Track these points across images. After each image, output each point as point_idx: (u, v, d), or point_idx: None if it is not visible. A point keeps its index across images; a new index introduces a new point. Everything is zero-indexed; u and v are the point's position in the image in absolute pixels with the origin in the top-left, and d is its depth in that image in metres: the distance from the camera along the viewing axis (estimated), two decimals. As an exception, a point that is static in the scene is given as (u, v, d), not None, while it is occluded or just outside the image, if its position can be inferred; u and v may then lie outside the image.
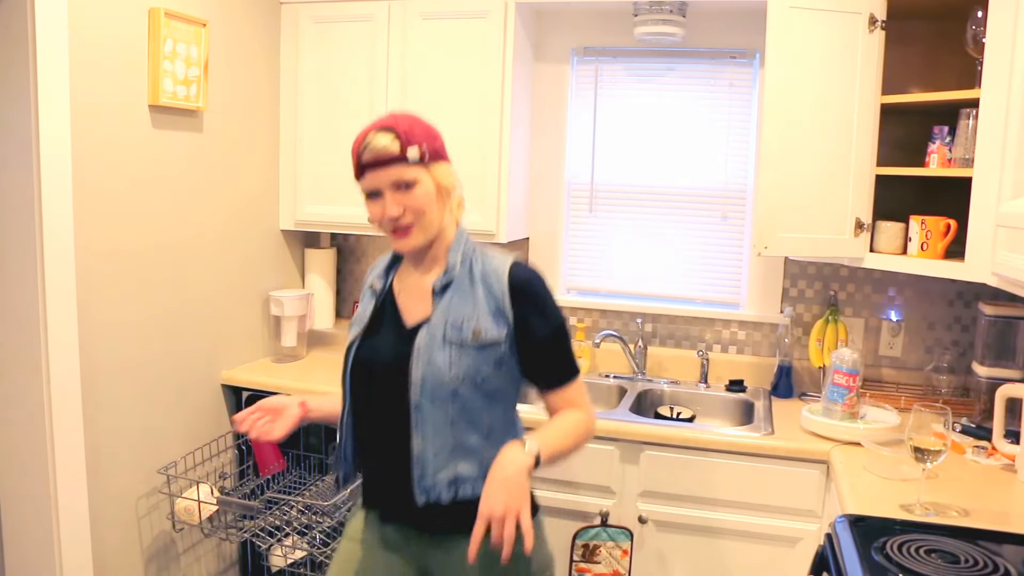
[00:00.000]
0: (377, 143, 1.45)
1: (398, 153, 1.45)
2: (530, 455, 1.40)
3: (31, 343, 2.01)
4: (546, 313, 1.52)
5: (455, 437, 1.48)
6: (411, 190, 1.47)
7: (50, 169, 1.97)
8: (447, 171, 1.53)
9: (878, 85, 2.25)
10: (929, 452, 1.71)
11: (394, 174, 1.46)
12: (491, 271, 1.52)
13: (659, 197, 2.86)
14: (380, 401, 1.52)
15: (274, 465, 2.66)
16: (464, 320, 1.49)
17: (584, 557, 2.31)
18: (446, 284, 1.52)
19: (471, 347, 1.47)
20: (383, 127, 1.47)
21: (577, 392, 1.56)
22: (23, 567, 2.11)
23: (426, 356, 1.47)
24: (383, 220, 1.49)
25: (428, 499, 1.48)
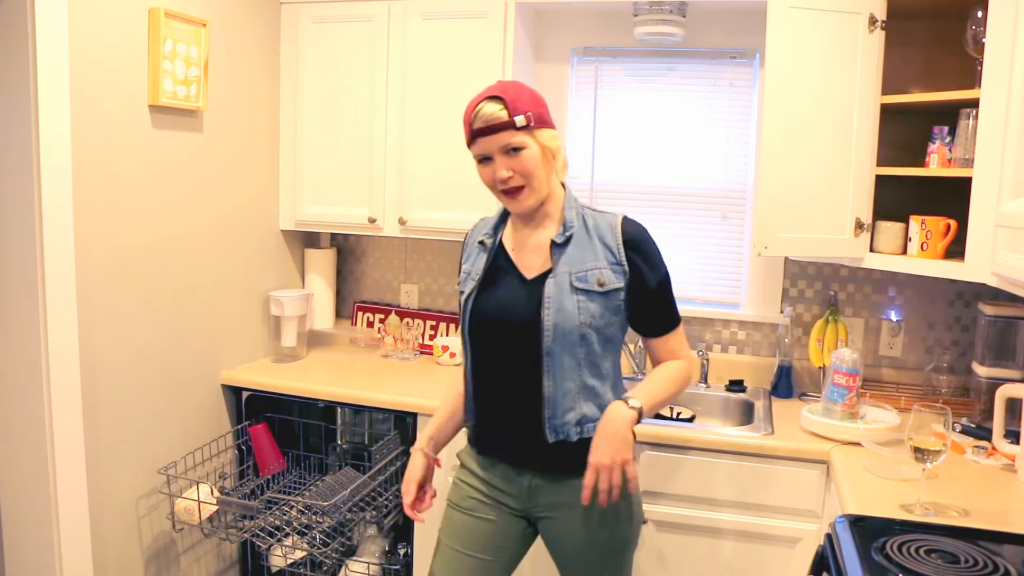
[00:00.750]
0: (487, 111, 1.59)
1: (506, 119, 1.58)
2: (634, 410, 1.57)
3: (31, 343, 2.01)
4: (655, 265, 1.68)
5: (581, 379, 1.64)
6: (519, 154, 1.60)
7: (50, 169, 1.97)
8: (552, 136, 1.65)
9: (878, 85, 2.25)
10: (929, 452, 1.71)
11: (503, 139, 1.59)
12: (604, 225, 1.68)
13: (659, 197, 2.86)
14: (508, 348, 1.66)
15: (274, 465, 2.66)
16: (588, 270, 1.64)
17: (584, 557, 2.31)
18: (568, 239, 1.67)
19: (597, 294, 1.63)
20: (492, 95, 1.60)
21: (679, 341, 1.73)
22: (23, 567, 2.11)
23: (556, 303, 1.62)
24: (495, 182, 1.63)
25: (558, 437, 1.64)
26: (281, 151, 2.90)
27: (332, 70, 2.79)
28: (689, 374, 1.74)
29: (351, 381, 2.63)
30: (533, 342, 1.62)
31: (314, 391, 2.58)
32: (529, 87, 1.66)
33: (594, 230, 1.67)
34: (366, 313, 3.15)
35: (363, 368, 2.81)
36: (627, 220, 1.70)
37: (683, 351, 1.74)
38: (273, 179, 2.89)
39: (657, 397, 1.65)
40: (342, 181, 2.81)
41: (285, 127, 2.88)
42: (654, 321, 1.71)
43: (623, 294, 1.65)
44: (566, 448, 1.64)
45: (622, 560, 1.75)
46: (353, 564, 2.51)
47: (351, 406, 2.58)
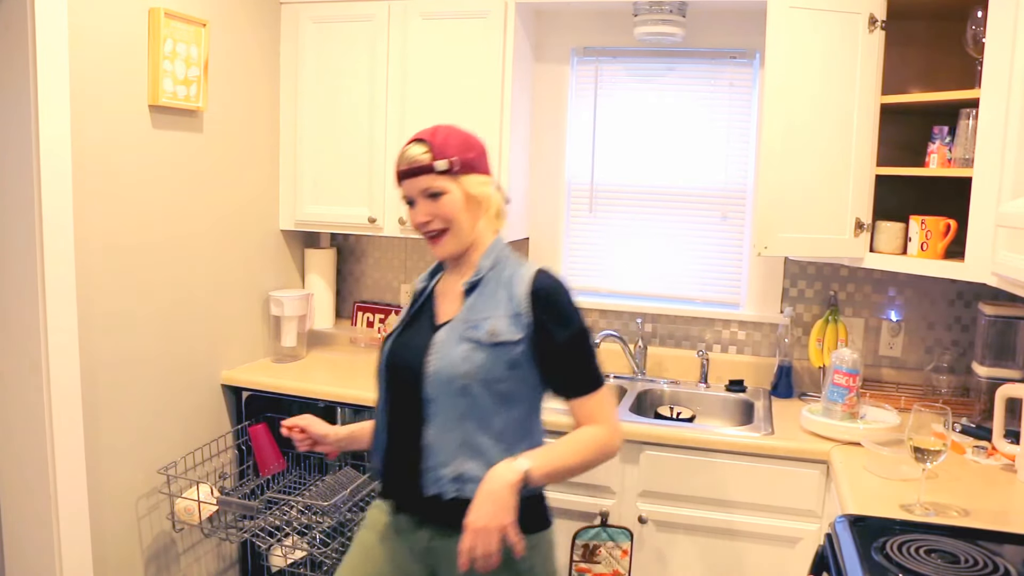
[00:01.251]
0: (410, 153, 1.57)
1: (427, 163, 1.55)
2: (517, 472, 1.44)
3: (31, 343, 2.01)
4: (565, 320, 1.55)
5: (464, 433, 1.53)
6: (440, 199, 1.56)
7: (50, 169, 1.97)
8: (480, 183, 1.60)
9: (878, 85, 2.25)
10: (929, 452, 1.71)
11: (424, 183, 1.56)
12: (517, 276, 1.58)
13: (659, 197, 2.86)
14: (402, 393, 1.59)
15: (274, 465, 2.66)
16: (483, 319, 1.55)
17: (584, 557, 2.31)
18: (473, 285, 1.60)
19: (485, 345, 1.53)
20: (419, 138, 1.58)
21: (599, 405, 1.57)
22: (23, 567, 2.11)
23: (442, 350, 1.55)
24: (415, 225, 1.60)
25: (431, 491, 1.54)
26: (281, 151, 2.90)
27: (332, 70, 2.79)
28: (607, 443, 1.55)
29: (351, 381, 2.63)
30: (422, 388, 1.55)
31: (314, 391, 2.58)
32: (467, 133, 1.61)
33: (505, 280, 1.58)
34: (366, 313, 3.15)
35: (363, 368, 2.81)
36: (541, 273, 1.58)
37: (603, 416, 1.56)
38: (273, 179, 2.89)
39: (555, 463, 1.50)
40: (342, 181, 2.81)
41: (285, 127, 2.88)
42: (565, 381, 1.57)
43: (521, 348, 1.53)
44: (443, 505, 1.54)
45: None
46: (353, 564, 2.51)
47: (351, 406, 2.58)
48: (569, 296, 1.58)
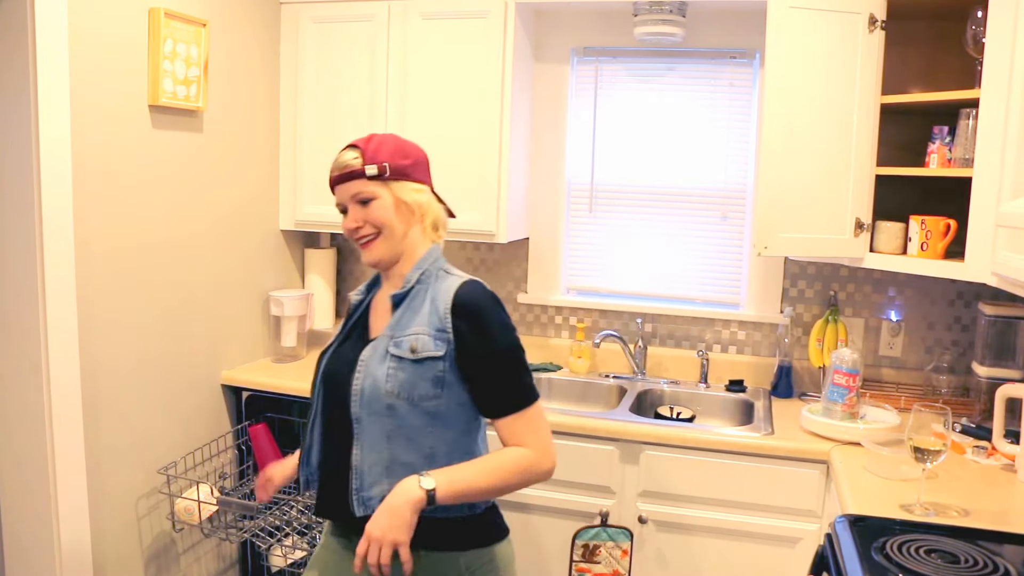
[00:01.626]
0: (342, 159, 1.54)
1: (358, 168, 1.52)
2: (421, 489, 1.39)
3: (31, 343, 2.01)
4: (487, 333, 1.48)
5: (391, 453, 1.49)
6: (370, 205, 1.53)
7: (50, 169, 1.97)
8: (414, 190, 1.56)
9: (878, 85, 2.25)
10: (929, 452, 1.71)
11: (354, 188, 1.53)
12: (442, 289, 1.52)
13: (659, 197, 2.86)
14: (334, 411, 1.56)
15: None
16: (407, 335, 1.50)
17: (584, 557, 2.31)
18: (400, 298, 1.55)
19: (409, 362, 1.48)
20: (352, 145, 1.55)
21: (527, 426, 1.49)
22: (23, 567, 2.12)
23: (367, 368, 1.50)
24: (346, 231, 1.56)
25: (365, 512, 1.48)
26: (281, 151, 2.90)
27: (332, 70, 2.79)
28: (531, 466, 1.47)
29: (351, 381, 2.63)
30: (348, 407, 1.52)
31: (314, 391, 2.58)
32: (404, 141, 1.58)
33: (432, 293, 1.53)
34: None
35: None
36: (465, 284, 1.52)
37: (532, 438, 1.48)
38: (273, 179, 2.89)
39: (466, 483, 1.43)
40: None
41: (285, 127, 2.88)
42: (490, 399, 1.50)
43: (443, 364, 1.48)
44: None
45: None
46: (353, 564, 2.51)
47: (351, 406, 2.58)
48: (494, 309, 1.51)
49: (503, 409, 1.49)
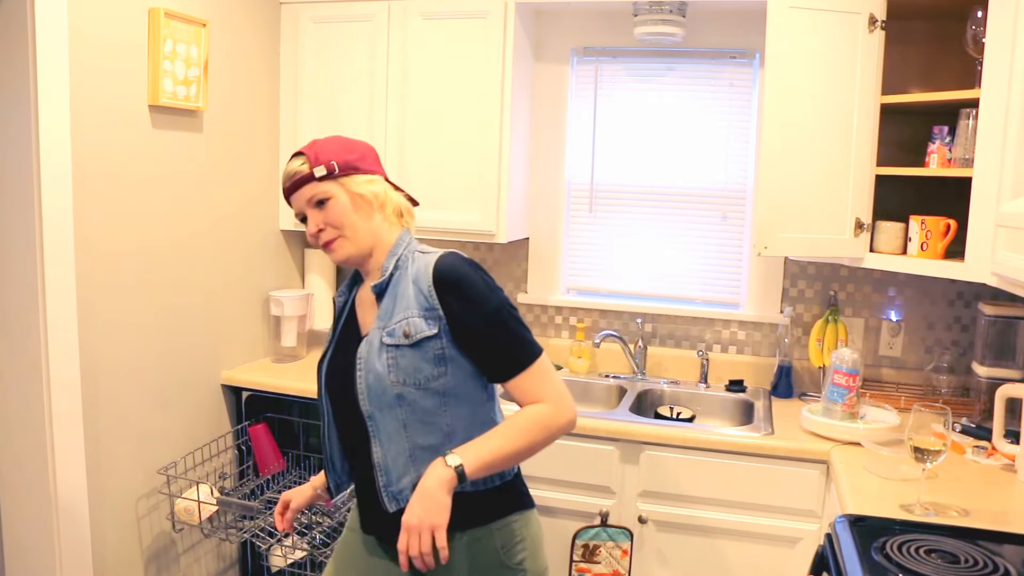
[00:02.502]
0: (289, 168, 1.54)
1: (306, 172, 1.52)
2: (450, 468, 1.39)
3: (31, 343, 2.01)
4: (475, 299, 1.47)
5: (411, 441, 1.49)
6: (326, 205, 1.53)
7: (50, 169, 1.97)
8: (367, 181, 1.56)
9: (878, 85, 2.25)
10: (929, 452, 1.71)
11: (307, 193, 1.53)
12: (421, 268, 1.51)
13: (659, 197, 2.86)
14: (346, 416, 1.56)
15: (274, 465, 2.66)
16: (397, 322, 1.49)
17: (584, 557, 2.31)
18: (382, 289, 1.55)
19: (406, 348, 1.48)
20: (297, 153, 1.55)
21: (536, 380, 1.48)
22: (23, 567, 2.12)
23: (367, 364, 1.50)
24: (310, 238, 1.56)
25: (398, 506, 1.50)
26: (281, 151, 2.90)
27: (332, 70, 2.79)
28: (552, 420, 1.47)
29: (351, 381, 2.63)
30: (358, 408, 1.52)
31: (314, 391, 2.58)
32: (347, 139, 1.59)
33: (412, 275, 1.52)
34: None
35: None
36: (442, 258, 1.51)
37: (545, 391, 1.48)
38: (273, 179, 2.89)
39: (492, 453, 1.43)
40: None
41: (285, 127, 2.88)
42: (493, 364, 1.50)
43: (441, 341, 1.48)
44: None
45: None
46: (353, 564, 2.51)
47: (351, 406, 2.58)
48: (476, 275, 1.50)
49: (509, 371, 1.48)
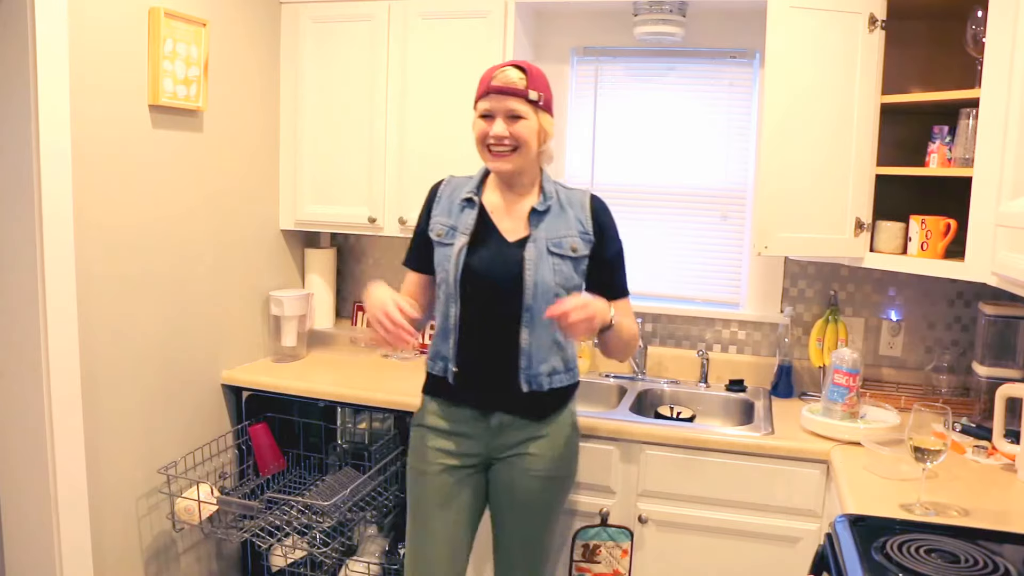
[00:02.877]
0: (511, 75, 1.78)
1: (523, 89, 1.77)
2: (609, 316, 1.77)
3: (31, 343, 2.01)
4: (614, 237, 1.91)
5: (553, 335, 1.85)
6: (519, 122, 1.78)
7: (50, 168, 1.97)
8: (550, 122, 1.85)
9: (878, 85, 2.25)
10: (929, 452, 1.71)
11: (512, 104, 1.77)
12: (576, 200, 1.90)
13: (659, 197, 2.86)
14: (492, 303, 1.83)
15: (274, 465, 2.66)
16: (562, 237, 1.85)
17: (584, 557, 2.31)
18: (546, 208, 1.86)
19: (569, 259, 1.85)
20: (517, 65, 1.80)
21: (628, 307, 1.93)
22: (23, 567, 2.12)
23: (535, 265, 1.81)
24: (488, 137, 1.80)
25: (531, 387, 1.84)
26: (281, 151, 2.90)
27: (332, 70, 2.79)
28: (638, 336, 1.98)
29: (351, 381, 2.63)
30: (515, 299, 1.81)
31: (314, 391, 2.58)
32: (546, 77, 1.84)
33: (567, 203, 1.87)
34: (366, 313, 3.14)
35: (363, 368, 2.81)
36: (595, 197, 1.92)
37: (632, 316, 1.94)
38: (273, 179, 2.88)
39: (622, 325, 1.83)
40: (342, 181, 2.81)
41: (285, 127, 2.88)
42: (608, 286, 1.88)
43: (587, 260, 1.87)
44: (538, 397, 1.86)
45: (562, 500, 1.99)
46: (353, 564, 2.51)
47: (351, 406, 2.58)
48: (614, 218, 1.93)
49: (617, 294, 1.90)
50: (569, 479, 2.00)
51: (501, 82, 1.76)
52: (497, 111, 1.78)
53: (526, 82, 1.77)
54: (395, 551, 2.58)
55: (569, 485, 2.01)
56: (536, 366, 1.84)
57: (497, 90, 1.76)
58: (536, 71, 1.80)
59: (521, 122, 1.78)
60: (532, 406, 1.87)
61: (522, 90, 1.76)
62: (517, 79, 1.77)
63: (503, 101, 1.77)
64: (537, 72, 1.80)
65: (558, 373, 1.89)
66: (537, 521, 1.94)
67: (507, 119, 1.78)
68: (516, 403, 1.86)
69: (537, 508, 1.93)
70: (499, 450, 1.91)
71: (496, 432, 1.90)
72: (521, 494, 1.91)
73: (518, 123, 1.78)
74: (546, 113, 1.83)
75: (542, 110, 1.81)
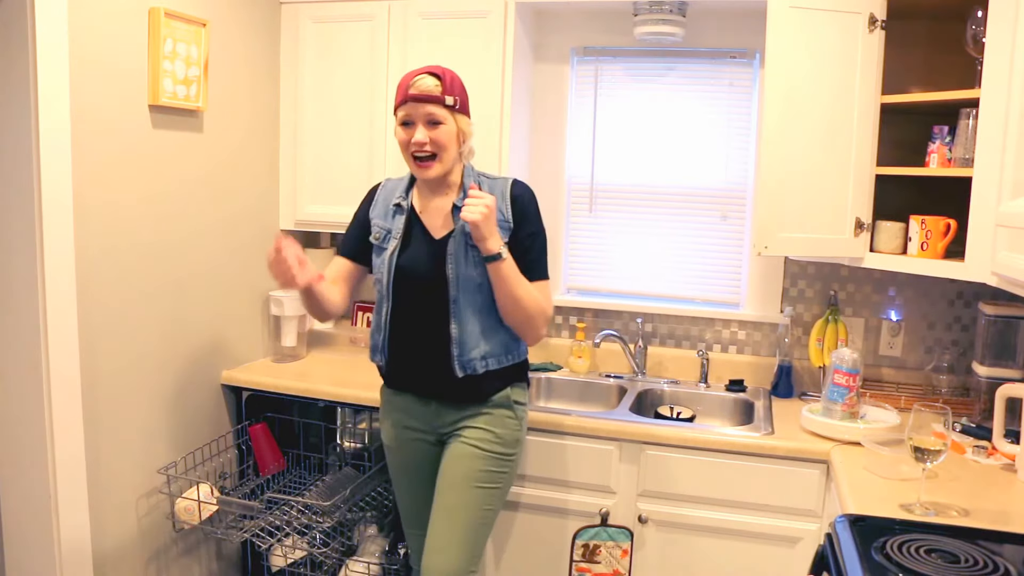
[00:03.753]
0: (426, 83, 1.85)
1: (439, 95, 1.85)
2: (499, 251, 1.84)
3: (31, 343, 2.01)
4: (531, 220, 1.96)
5: (481, 321, 1.94)
6: (438, 127, 1.86)
7: (50, 169, 1.97)
8: (467, 123, 1.93)
9: (878, 85, 2.25)
10: (929, 452, 1.71)
11: (429, 110, 1.85)
12: (497, 189, 1.96)
13: (659, 197, 2.86)
14: (420, 298, 1.94)
15: (274, 465, 2.66)
16: None
17: (584, 557, 2.31)
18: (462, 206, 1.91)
19: None
20: (432, 72, 1.87)
21: (543, 291, 1.96)
22: (23, 567, 2.12)
23: (456, 259, 1.91)
24: (410, 144, 1.88)
25: (466, 372, 1.94)
26: (281, 151, 2.90)
27: (332, 70, 2.79)
28: (541, 312, 1.94)
29: (351, 381, 2.63)
30: (442, 292, 1.92)
31: (314, 391, 2.58)
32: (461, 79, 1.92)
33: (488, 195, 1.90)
34: (366, 313, 3.15)
35: (363, 368, 2.81)
36: (516, 183, 1.98)
37: (545, 298, 1.96)
38: (273, 179, 2.89)
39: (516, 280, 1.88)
40: (342, 181, 2.81)
41: (285, 127, 2.88)
42: (522, 265, 1.92)
43: (509, 246, 1.91)
44: (473, 380, 1.96)
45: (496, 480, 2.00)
46: (353, 564, 2.51)
47: (351, 406, 2.58)
48: (535, 200, 1.99)
49: (533, 275, 1.94)
50: (505, 459, 2.01)
51: (418, 90, 1.84)
52: (416, 118, 1.86)
53: (442, 88, 1.84)
54: (395, 551, 2.58)
55: (507, 466, 2.02)
56: (468, 352, 1.93)
57: (415, 98, 1.84)
58: (451, 75, 1.88)
59: (440, 127, 1.86)
60: (467, 390, 1.97)
61: (439, 96, 1.84)
62: (433, 86, 1.84)
63: (421, 108, 1.84)
64: (452, 76, 1.88)
65: (492, 356, 1.96)
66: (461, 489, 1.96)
67: (427, 125, 1.86)
68: (451, 388, 1.97)
69: (463, 476, 1.97)
70: (443, 426, 2.03)
71: (436, 414, 2.03)
72: (452, 461, 1.99)
73: (437, 128, 1.86)
74: (463, 115, 1.91)
75: (459, 113, 1.89)
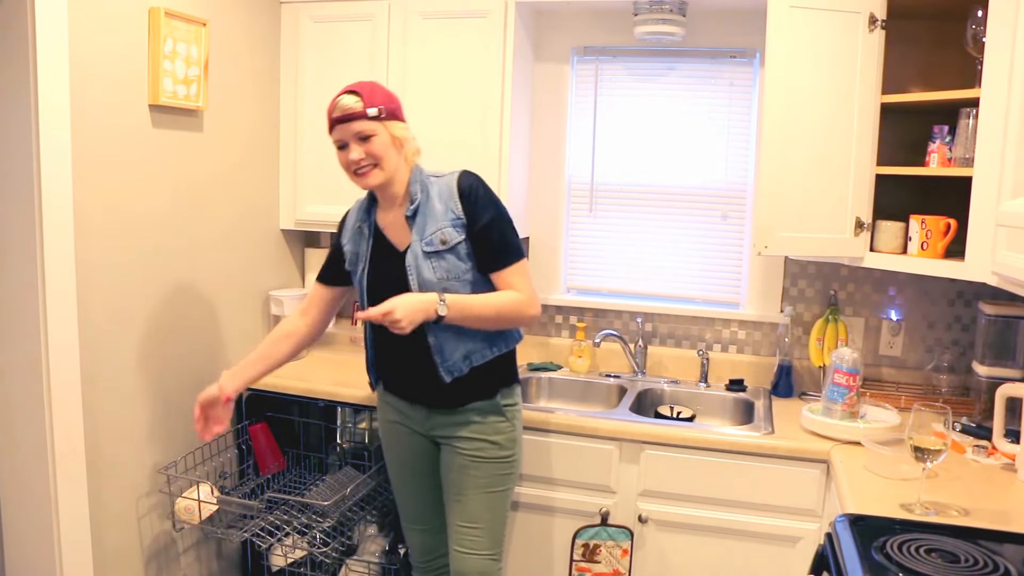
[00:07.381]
0: (346, 102, 1.86)
1: (360, 111, 1.85)
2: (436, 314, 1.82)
3: (31, 342, 2.01)
4: (485, 206, 1.92)
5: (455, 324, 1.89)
6: (370, 140, 1.86)
7: (50, 168, 1.97)
8: (402, 128, 1.92)
9: (878, 85, 2.25)
10: (929, 451, 1.71)
11: (357, 127, 1.86)
12: (444, 188, 1.94)
13: (659, 197, 2.86)
14: None
15: (274, 465, 2.66)
16: (432, 233, 1.91)
17: (584, 556, 2.32)
18: (415, 211, 1.94)
19: (444, 252, 1.90)
20: (350, 91, 1.87)
21: (516, 276, 1.93)
22: (23, 567, 2.12)
23: (416, 269, 1.91)
24: (349, 164, 1.89)
25: (453, 376, 1.95)
26: (281, 151, 2.90)
27: (332, 70, 2.79)
28: (522, 307, 1.92)
29: (351, 381, 2.63)
30: None
31: (314, 391, 2.58)
32: (387, 88, 1.93)
33: (436, 196, 1.92)
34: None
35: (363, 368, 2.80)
36: (462, 175, 1.95)
37: (523, 287, 1.93)
38: (273, 179, 2.88)
39: (468, 306, 1.87)
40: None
41: (285, 127, 2.88)
42: (486, 256, 1.92)
43: (466, 243, 1.90)
44: (462, 381, 1.96)
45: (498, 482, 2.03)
46: (353, 564, 2.51)
47: (351, 406, 2.58)
48: (486, 187, 1.95)
49: (498, 263, 1.92)
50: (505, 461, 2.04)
51: (340, 111, 1.85)
52: (347, 138, 1.87)
53: (362, 103, 1.85)
54: (395, 551, 2.58)
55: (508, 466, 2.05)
56: (450, 357, 1.95)
57: (339, 120, 1.86)
58: (369, 87, 1.88)
59: (373, 139, 1.86)
60: (456, 394, 1.99)
61: (360, 112, 1.84)
62: (353, 103, 1.85)
63: (348, 127, 1.85)
64: (371, 88, 1.88)
65: (476, 352, 1.97)
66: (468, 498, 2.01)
67: (358, 142, 1.87)
68: (440, 394, 1.99)
69: (471, 486, 2.01)
70: (435, 428, 2.06)
71: (427, 417, 2.06)
72: (454, 473, 2.03)
73: (370, 142, 1.86)
74: (393, 121, 1.90)
75: (388, 120, 1.88)
